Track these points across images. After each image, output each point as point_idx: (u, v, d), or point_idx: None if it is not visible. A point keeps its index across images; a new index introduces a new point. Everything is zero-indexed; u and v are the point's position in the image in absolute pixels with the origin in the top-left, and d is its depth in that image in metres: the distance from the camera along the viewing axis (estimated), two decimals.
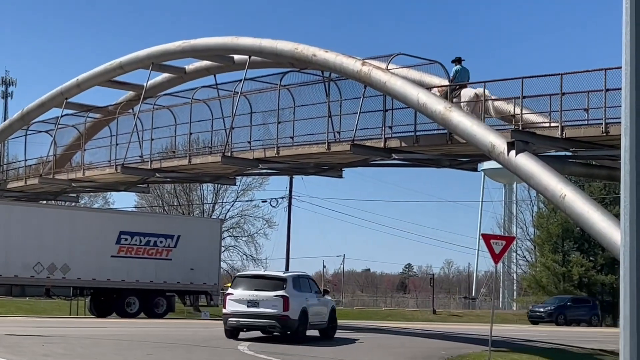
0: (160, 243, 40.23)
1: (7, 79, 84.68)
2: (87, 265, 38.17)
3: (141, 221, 41.61)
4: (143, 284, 39.50)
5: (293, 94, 30.11)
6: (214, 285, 42.28)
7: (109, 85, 38.48)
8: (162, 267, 40.16)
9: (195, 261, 40.86)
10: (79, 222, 38.76)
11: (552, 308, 54.26)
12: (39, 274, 36.89)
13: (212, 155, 32.72)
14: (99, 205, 76.39)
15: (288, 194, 61.90)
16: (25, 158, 42.61)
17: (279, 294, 23.07)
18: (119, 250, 39.11)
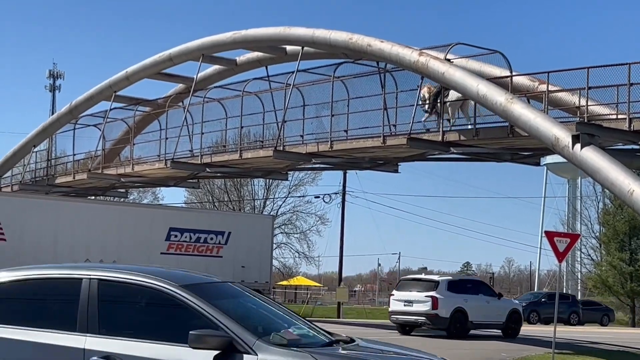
0: (210, 240, 40.44)
1: (55, 72, 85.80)
2: (136, 262, 38.52)
3: (191, 217, 41.82)
4: None
5: (347, 86, 30.07)
6: (265, 284, 42.20)
7: (158, 78, 38.80)
8: (212, 264, 40.32)
9: (246, 259, 41.01)
10: (127, 218, 39.10)
11: (524, 305, 50.66)
12: None
13: (264, 150, 32.83)
14: (148, 201, 77.19)
15: (342, 189, 61.91)
16: (73, 153, 43.17)
17: (429, 294, 27.90)
18: (169, 247, 39.41)
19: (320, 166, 38.49)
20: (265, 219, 46.30)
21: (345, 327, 34.38)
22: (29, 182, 45.39)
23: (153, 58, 37.19)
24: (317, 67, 31.76)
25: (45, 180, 44.41)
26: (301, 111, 31.73)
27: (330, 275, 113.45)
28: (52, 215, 37.26)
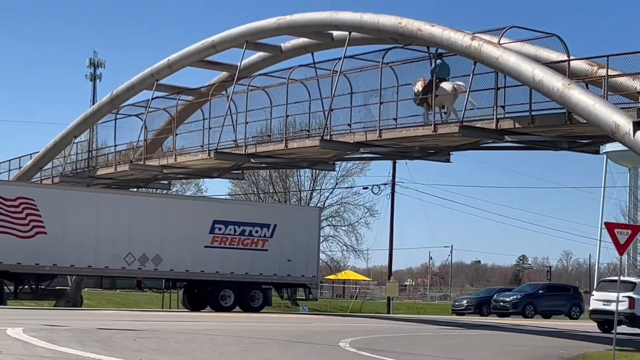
0: (255, 233, 40.49)
1: (96, 61, 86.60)
2: (179, 256, 38.71)
3: (235, 210, 41.87)
4: (238, 276, 39.88)
5: (396, 72, 29.93)
6: (312, 278, 42.28)
7: (201, 66, 38.92)
8: (257, 258, 40.36)
9: (292, 252, 41.03)
10: (170, 211, 39.27)
11: (519, 297, 50.27)
12: (130, 265, 37.65)
13: (310, 139, 32.81)
14: (192, 192, 77.64)
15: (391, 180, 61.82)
16: (115, 143, 43.47)
17: (627, 295, 30.63)
18: (213, 240, 39.51)
19: (368, 156, 38.38)
20: (312, 211, 46.31)
21: (396, 324, 34.37)
22: (70, 174, 45.84)
23: (196, 45, 37.33)
24: (365, 53, 31.65)
25: (86, 171, 44.82)
26: (348, 99, 31.67)
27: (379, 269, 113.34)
28: (94, 207, 37.57)
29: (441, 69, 28.70)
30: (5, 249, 35.51)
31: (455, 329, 31.75)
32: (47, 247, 36.33)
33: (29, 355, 14.56)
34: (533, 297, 50.13)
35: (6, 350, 15.12)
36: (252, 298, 40.34)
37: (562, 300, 51.10)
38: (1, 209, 35.57)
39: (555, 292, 52.17)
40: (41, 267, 36.38)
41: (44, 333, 19.08)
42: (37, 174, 47.70)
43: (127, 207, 38.35)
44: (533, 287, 52.63)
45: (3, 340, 17.12)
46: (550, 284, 56.49)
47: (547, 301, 50.50)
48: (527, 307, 49.30)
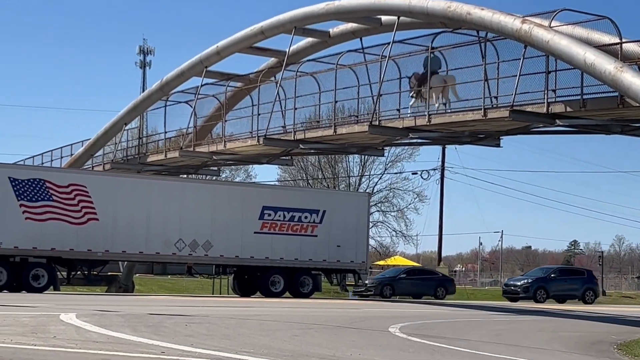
0: (304, 219, 40.67)
1: (145, 48, 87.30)
2: (229, 242, 38.99)
3: (285, 195, 42.11)
4: (288, 261, 40.09)
5: (445, 57, 29.78)
6: (362, 264, 42.32)
7: (249, 52, 39.06)
8: (307, 244, 40.53)
9: (341, 238, 41.12)
10: (220, 197, 39.53)
11: (530, 281, 49.19)
12: (181, 251, 37.99)
13: (359, 125, 32.78)
14: (241, 179, 78.07)
15: (440, 165, 61.65)
16: (165, 130, 43.79)
17: None
18: (262, 226, 39.73)
19: (417, 141, 38.28)
20: (361, 197, 46.23)
21: (445, 309, 34.27)
22: (121, 161, 46.28)
23: (244, 32, 37.44)
24: (414, 38, 31.52)
25: (137, 158, 45.23)
26: (397, 84, 31.58)
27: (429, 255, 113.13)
28: (145, 194, 37.85)
29: (433, 62, 30.12)
30: (58, 236, 35.98)
31: (505, 314, 31.59)
32: (99, 233, 36.74)
33: (82, 340, 14.73)
34: (544, 281, 49.12)
35: (60, 335, 15.33)
36: (302, 284, 40.61)
37: (576, 284, 49.88)
38: (54, 195, 36.02)
39: (568, 275, 51.02)
40: (93, 253, 36.83)
41: (96, 318, 19.31)
42: (88, 161, 48.23)
43: (178, 193, 38.62)
44: (545, 271, 51.53)
45: (57, 325, 17.35)
46: (564, 267, 55.34)
47: (559, 285, 49.38)
48: (538, 291, 48.30)
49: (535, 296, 48.01)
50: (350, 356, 13.97)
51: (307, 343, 16.04)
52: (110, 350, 13.31)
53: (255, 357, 13.24)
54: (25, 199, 35.63)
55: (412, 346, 16.59)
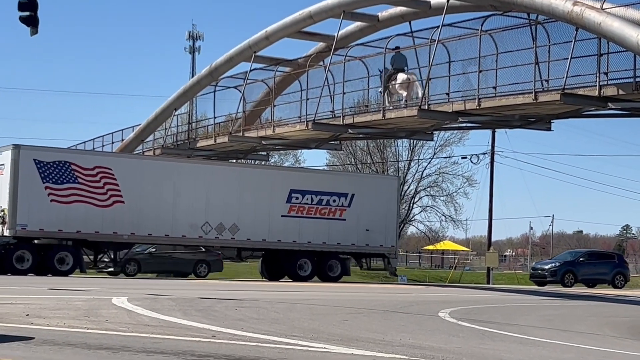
0: (333, 202, 40.32)
1: (195, 33, 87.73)
2: (256, 225, 38.85)
3: (312, 179, 41.65)
4: (316, 245, 39.92)
5: (495, 40, 29.55)
6: (391, 248, 41.84)
7: (298, 37, 39.07)
8: (335, 227, 40.17)
9: (370, 222, 40.76)
10: (247, 180, 39.23)
11: (558, 265, 48.20)
12: (207, 234, 37.92)
13: (408, 109, 32.67)
14: (290, 163, 78.25)
15: (490, 149, 61.24)
16: (214, 115, 43.99)
17: None
18: (290, 209, 39.49)
19: (467, 125, 38.08)
20: (391, 180, 45.84)
21: (495, 294, 34.12)
22: (171, 146, 46.59)
23: (293, 16, 37.46)
24: (464, 21, 31.31)
25: (187, 143, 45.49)
26: (447, 68, 31.41)
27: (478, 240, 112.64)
28: (171, 176, 37.58)
29: (398, 60, 32.77)
30: (84, 218, 35.87)
31: (556, 299, 31.39)
32: (124, 216, 36.56)
33: (133, 324, 14.90)
34: (573, 265, 48.30)
35: (112, 319, 15.52)
36: (330, 268, 40.37)
37: (605, 268, 48.89)
38: (79, 178, 35.87)
39: (597, 259, 49.98)
40: (119, 236, 36.70)
41: (147, 302, 19.51)
42: (138, 146, 48.63)
43: (204, 176, 38.42)
44: (574, 255, 50.70)
45: (109, 309, 17.57)
46: (594, 251, 54.22)
47: (588, 269, 48.43)
48: (566, 276, 47.46)
49: (563, 280, 47.26)
50: (400, 340, 13.97)
51: (356, 327, 16.07)
52: (162, 334, 13.45)
53: (305, 341, 13.30)
54: (50, 181, 35.41)
55: (462, 331, 16.56)
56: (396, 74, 32.68)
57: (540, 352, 13.88)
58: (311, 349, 12.42)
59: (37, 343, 11.97)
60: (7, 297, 18.68)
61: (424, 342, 13.89)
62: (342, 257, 40.97)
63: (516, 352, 13.62)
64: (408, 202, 71.24)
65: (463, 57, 31.15)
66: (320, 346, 12.74)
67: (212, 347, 12.20)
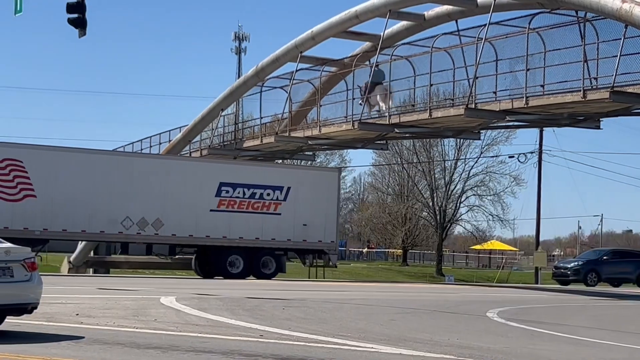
0: (267, 196, 38.59)
1: (241, 34, 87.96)
2: (182, 220, 37.19)
3: (244, 171, 39.69)
4: (248, 241, 38.19)
5: (543, 38, 29.28)
6: (331, 244, 40.03)
7: (344, 37, 39.03)
8: (269, 222, 38.52)
9: (308, 216, 39.17)
10: (173, 173, 37.53)
11: (581, 264, 46.69)
12: (128, 229, 36.17)
13: (454, 108, 32.52)
14: (336, 163, 78.31)
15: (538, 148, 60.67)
16: (260, 115, 44.03)
17: None
18: (219, 203, 37.79)
19: (514, 124, 37.78)
20: (330, 173, 43.61)
21: (544, 294, 33.86)
22: (217, 147, 46.77)
23: (339, 16, 37.44)
24: (511, 19, 31.07)
25: (233, 144, 45.65)
26: (494, 66, 31.20)
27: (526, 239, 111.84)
28: (88, 169, 35.90)
29: (377, 74, 35.15)
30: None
31: (605, 299, 31.06)
32: (36, 210, 34.76)
33: (182, 323, 15.00)
34: (596, 264, 46.75)
35: (160, 318, 15.63)
36: (265, 264, 38.55)
37: (630, 267, 47.15)
38: None
39: (621, 258, 48.32)
40: (30, 232, 34.63)
41: (195, 302, 19.64)
42: (185, 147, 48.88)
43: (125, 169, 36.78)
44: (598, 253, 49.42)
45: (157, 308, 17.71)
46: (618, 249, 52.70)
47: (612, 268, 46.81)
48: (589, 275, 45.98)
49: (586, 279, 45.95)
50: (448, 340, 13.91)
51: (404, 327, 16.04)
52: (210, 333, 13.52)
53: (353, 340, 13.29)
54: None
55: (511, 331, 16.45)
56: (374, 86, 35.00)
57: (591, 352, 13.75)
58: (359, 349, 12.42)
59: (87, 342, 12.09)
60: (57, 297, 18.90)
61: (472, 342, 13.81)
62: (277, 253, 39.05)
63: (566, 352, 13.50)
64: (455, 201, 70.88)
65: (510, 55, 30.92)
66: (368, 346, 12.73)
67: (260, 346, 12.24)
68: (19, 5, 27.61)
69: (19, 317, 13.13)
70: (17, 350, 11.13)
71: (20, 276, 12.57)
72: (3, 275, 12.32)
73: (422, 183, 72.24)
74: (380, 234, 79.30)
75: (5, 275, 12.35)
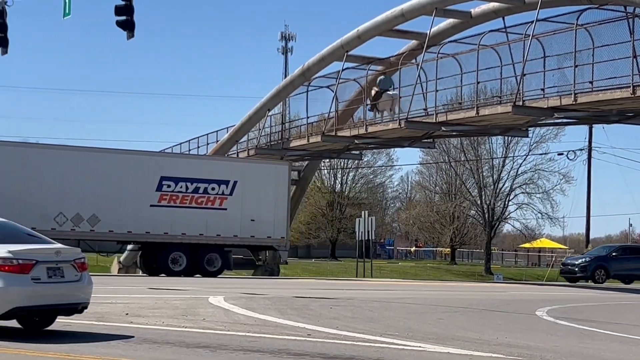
0: (212, 190, 37.33)
1: (287, 34, 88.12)
2: (120, 216, 35.76)
3: (187, 165, 38.33)
4: (191, 237, 36.94)
5: (591, 34, 29.02)
6: (281, 240, 38.82)
7: (390, 35, 39.00)
8: (214, 218, 37.27)
9: (257, 211, 37.96)
10: (110, 167, 36.16)
11: (588, 260, 45.37)
12: (62, 226, 34.72)
13: (502, 106, 32.32)
14: (383, 162, 78.19)
15: (587, 145, 60.14)
16: (307, 115, 44.12)
17: None
18: (160, 198, 36.54)
19: (563, 121, 37.47)
20: (280, 167, 41.06)
21: (594, 292, 33.52)
22: (264, 147, 46.93)
23: (384, 15, 37.40)
24: (558, 15, 30.85)
25: (280, 144, 45.78)
26: (541, 63, 30.99)
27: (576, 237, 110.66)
28: (17, 162, 34.50)
29: (385, 82, 37.37)
30: None
31: None
32: None
33: (230, 323, 15.07)
34: (605, 260, 45.41)
35: (209, 318, 15.72)
36: (210, 261, 37.16)
37: (637, 263, 45.85)
38: None
39: (631, 254, 46.91)
40: None
41: (243, 301, 19.72)
42: (232, 147, 49.10)
43: (57, 162, 35.19)
44: (607, 249, 48.14)
45: (206, 308, 17.81)
46: (628, 245, 51.09)
47: (621, 264, 45.56)
48: (597, 271, 44.81)
49: (594, 276, 44.80)
50: (497, 339, 13.83)
51: (452, 326, 15.97)
52: (258, 333, 13.58)
53: (400, 339, 13.27)
54: None
55: (560, 330, 16.32)
56: (382, 93, 37.28)
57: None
58: (406, 348, 12.39)
59: (137, 341, 12.20)
60: (107, 297, 19.09)
61: (522, 341, 13.72)
62: (225, 249, 37.86)
63: (618, 351, 13.35)
64: (503, 199, 70.34)
65: (558, 52, 30.68)
66: (416, 345, 12.70)
67: (307, 345, 12.27)
68: (68, 8, 27.96)
69: (69, 317, 13.28)
70: (67, 349, 11.26)
71: (71, 276, 12.71)
72: (54, 276, 12.46)
73: (470, 181, 71.78)
74: (428, 232, 78.97)
75: (56, 276, 12.50)
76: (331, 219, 76.39)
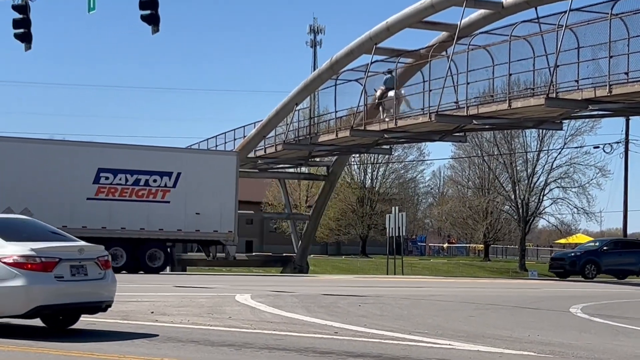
0: (153, 182, 36.52)
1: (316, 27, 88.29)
2: (55, 210, 34.18)
3: (127, 156, 37.07)
4: (131, 232, 36.09)
5: (627, 24, 28.81)
6: (228, 234, 37.91)
7: (419, 27, 38.85)
8: (156, 211, 36.44)
9: (202, 205, 37.16)
10: (43, 158, 35.16)
11: (578, 254, 44.53)
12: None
13: (535, 98, 32.15)
14: (414, 157, 78.08)
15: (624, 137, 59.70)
16: (335, 109, 44.02)
17: None
18: (98, 191, 35.71)
19: (598, 113, 37.24)
20: (228, 157, 39.91)
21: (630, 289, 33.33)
22: (292, 141, 46.97)
23: (414, 6, 37.28)
24: (592, 5, 30.58)
25: (308, 138, 45.78)
26: (575, 54, 30.79)
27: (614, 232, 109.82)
28: None
29: (390, 81, 38.70)
30: None
31: None
32: None
33: (256, 321, 15.13)
34: (595, 255, 44.50)
35: (235, 316, 15.79)
36: (152, 257, 36.34)
37: (632, 258, 44.94)
38: None
39: (623, 248, 46.04)
40: None
41: (270, 299, 19.79)
42: (260, 142, 49.19)
43: None
44: (598, 244, 47.39)
45: (232, 306, 17.89)
46: (620, 239, 50.06)
47: (612, 259, 44.69)
48: (587, 266, 43.84)
49: (584, 271, 43.88)
50: (528, 337, 13.80)
51: (482, 324, 15.94)
52: (284, 331, 13.63)
53: (429, 337, 13.26)
54: None
55: (594, 327, 16.24)
56: (387, 91, 38.79)
57: None
58: (435, 346, 12.38)
59: (161, 340, 12.28)
60: (133, 295, 19.24)
61: (554, 339, 13.68)
62: (168, 245, 37.15)
63: None
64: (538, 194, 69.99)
65: (592, 42, 30.44)
66: (445, 343, 12.69)
67: (334, 344, 12.29)
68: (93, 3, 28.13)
69: (93, 315, 13.39)
70: (91, 348, 11.36)
71: (94, 274, 12.82)
72: (77, 274, 12.57)
73: (503, 176, 71.51)
74: (461, 228, 78.82)
75: (80, 274, 12.61)
76: (361, 215, 76.42)
